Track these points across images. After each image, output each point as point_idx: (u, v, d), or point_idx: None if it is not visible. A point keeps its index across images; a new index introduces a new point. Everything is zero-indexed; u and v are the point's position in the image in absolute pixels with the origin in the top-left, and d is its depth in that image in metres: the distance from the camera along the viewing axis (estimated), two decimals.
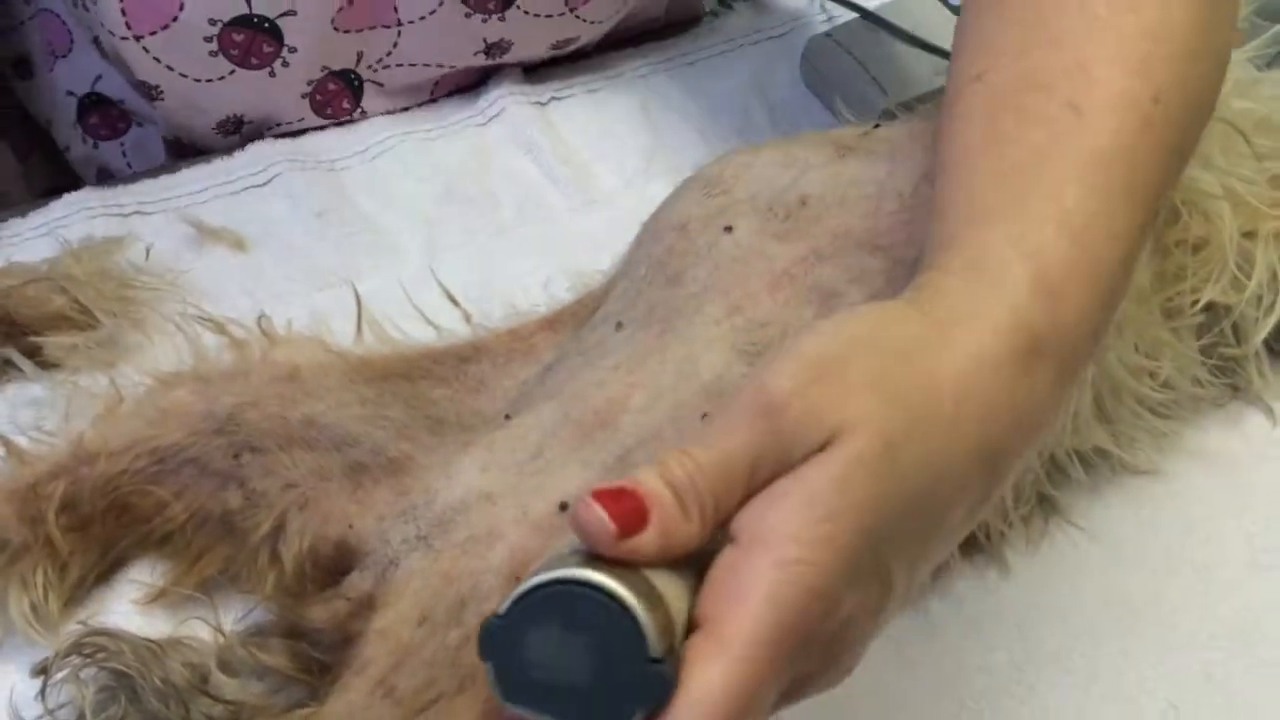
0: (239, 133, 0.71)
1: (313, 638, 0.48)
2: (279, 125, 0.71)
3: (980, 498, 0.37)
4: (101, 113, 0.74)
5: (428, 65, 0.72)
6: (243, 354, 0.54)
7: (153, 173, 0.68)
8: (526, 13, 0.71)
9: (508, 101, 0.74)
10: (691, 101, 0.76)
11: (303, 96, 0.70)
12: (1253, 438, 0.59)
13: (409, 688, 0.45)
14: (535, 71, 0.77)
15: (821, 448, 0.33)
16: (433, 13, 0.69)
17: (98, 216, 0.65)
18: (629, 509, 0.32)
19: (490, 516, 0.49)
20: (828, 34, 0.78)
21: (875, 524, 0.33)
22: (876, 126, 0.59)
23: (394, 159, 0.71)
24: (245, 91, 0.68)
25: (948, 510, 0.36)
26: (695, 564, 0.34)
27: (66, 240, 0.62)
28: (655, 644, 0.31)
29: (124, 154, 0.75)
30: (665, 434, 0.50)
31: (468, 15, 0.70)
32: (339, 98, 0.72)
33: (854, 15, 0.80)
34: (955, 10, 0.80)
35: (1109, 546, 0.55)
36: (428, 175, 0.71)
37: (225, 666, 0.48)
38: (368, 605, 0.47)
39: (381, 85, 0.73)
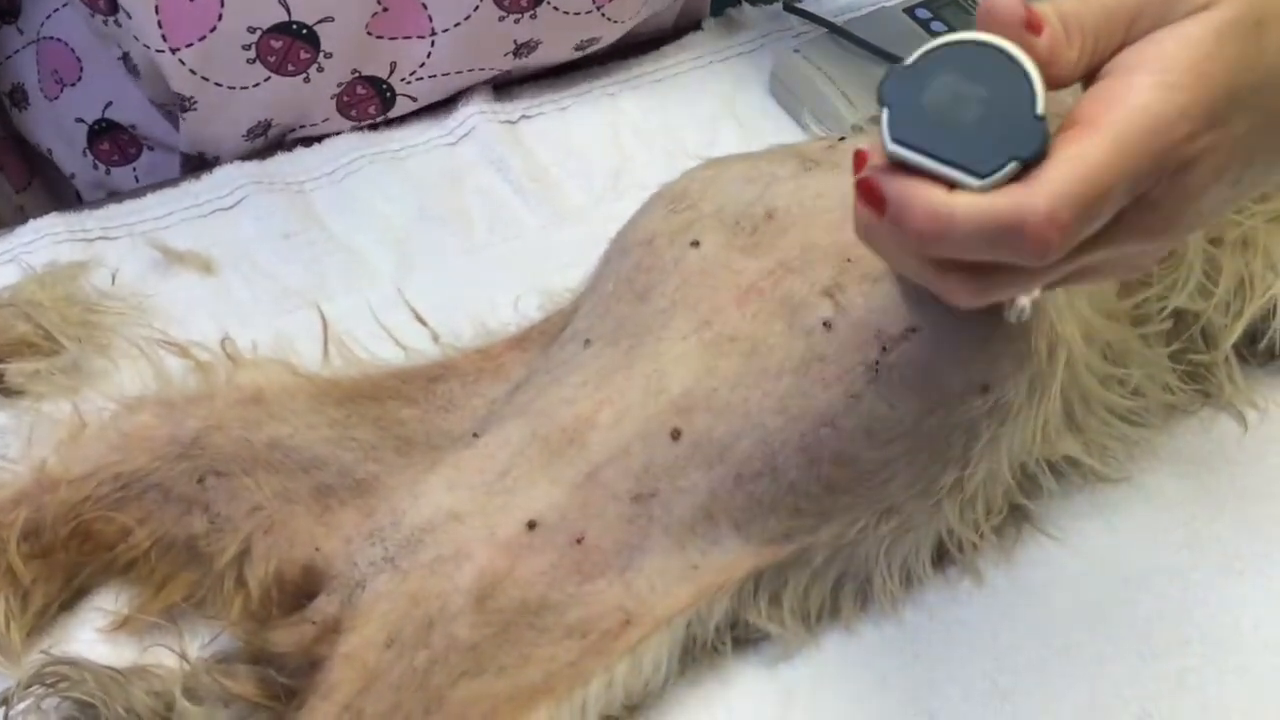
0: (265, 135, 0.71)
1: (279, 663, 0.47)
2: (303, 128, 0.72)
3: None
4: (113, 138, 0.74)
5: (459, 72, 0.73)
6: (207, 377, 0.53)
7: (118, 197, 0.68)
8: (557, 9, 0.72)
9: (477, 120, 0.74)
10: (661, 118, 0.76)
11: (331, 98, 0.71)
12: (1224, 443, 0.59)
13: (376, 712, 0.44)
14: (505, 89, 0.77)
15: (1202, 7, 0.37)
16: (467, 18, 0.70)
17: (63, 242, 0.64)
18: (1028, 16, 0.36)
19: (458, 536, 0.49)
20: (796, 50, 0.78)
21: (1240, 83, 0.37)
22: (842, 139, 0.59)
23: (363, 179, 0.71)
24: (278, 97, 0.69)
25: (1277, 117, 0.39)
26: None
27: (31, 266, 0.62)
28: (1041, 104, 0.35)
29: (136, 179, 0.75)
30: (634, 450, 0.50)
31: (501, 18, 0.70)
32: (366, 103, 0.72)
33: (823, 31, 0.80)
34: (923, 24, 0.80)
35: (1081, 555, 0.55)
36: (397, 195, 0.70)
37: (191, 694, 0.47)
38: (334, 629, 0.47)
39: (414, 99, 0.73)
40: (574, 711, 0.46)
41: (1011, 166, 0.35)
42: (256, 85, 0.67)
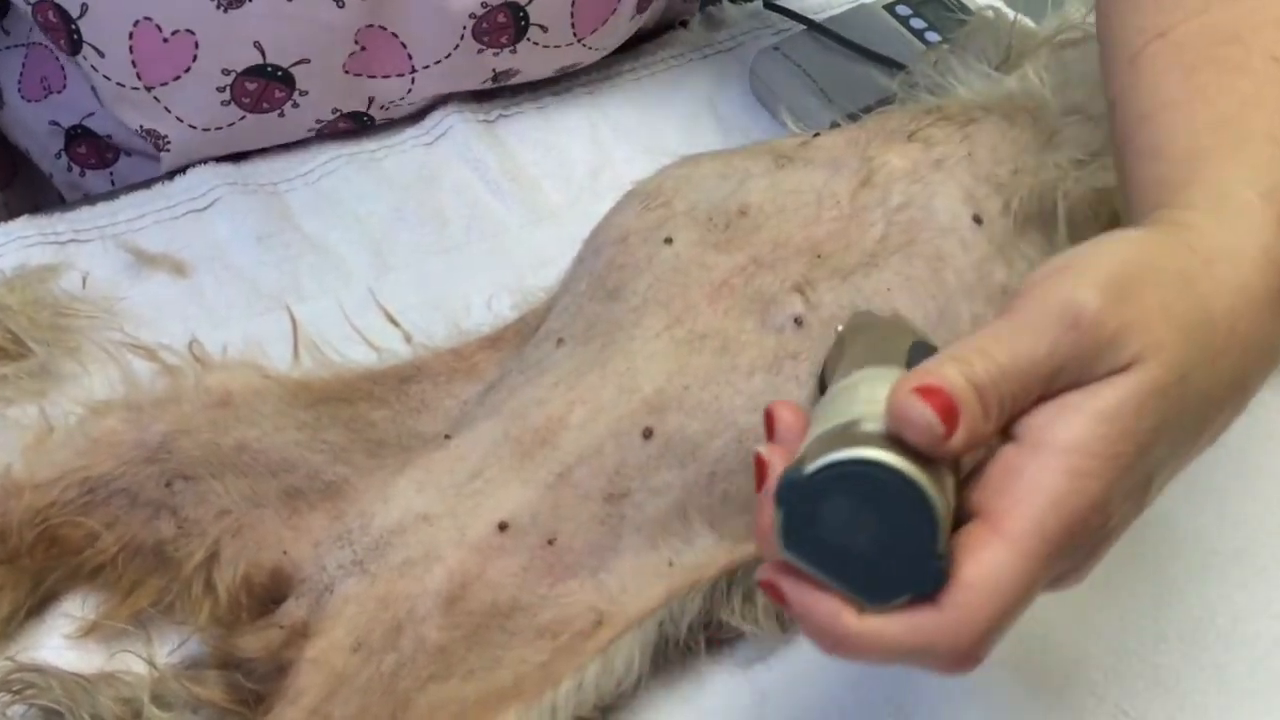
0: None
1: (247, 668, 0.47)
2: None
3: (1226, 423, 0.39)
4: (89, 143, 0.73)
5: (438, 94, 0.73)
6: (175, 381, 0.53)
7: (90, 200, 0.67)
8: (536, 44, 0.71)
9: (454, 120, 0.74)
10: (639, 117, 0.76)
11: (309, 130, 0.70)
12: None
13: (343, 716, 0.44)
14: (482, 89, 0.76)
15: (1123, 369, 0.35)
16: (448, 56, 0.69)
17: (34, 245, 0.64)
18: (943, 407, 0.33)
19: (428, 538, 0.48)
20: (776, 47, 0.78)
21: (1157, 449, 0.35)
22: (816, 135, 0.58)
23: (338, 180, 0.71)
24: (253, 133, 0.68)
25: (1205, 433, 0.38)
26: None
27: (0, 270, 0.61)
28: (943, 542, 0.33)
29: (113, 183, 0.74)
30: (606, 449, 0.50)
31: (480, 51, 0.70)
32: (347, 130, 0.72)
33: (801, 28, 0.80)
34: (902, 21, 0.80)
35: None
36: (373, 195, 0.70)
37: (159, 700, 0.47)
38: (302, 633, 0.47)
39: (393, 121, 0.73)
40: (543, 714, 0.45)
41: (906, 598, 0.34)
42: (231, 125, 0.67)
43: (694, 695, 0.50)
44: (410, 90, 0.71)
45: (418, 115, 0.74)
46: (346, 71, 0.68)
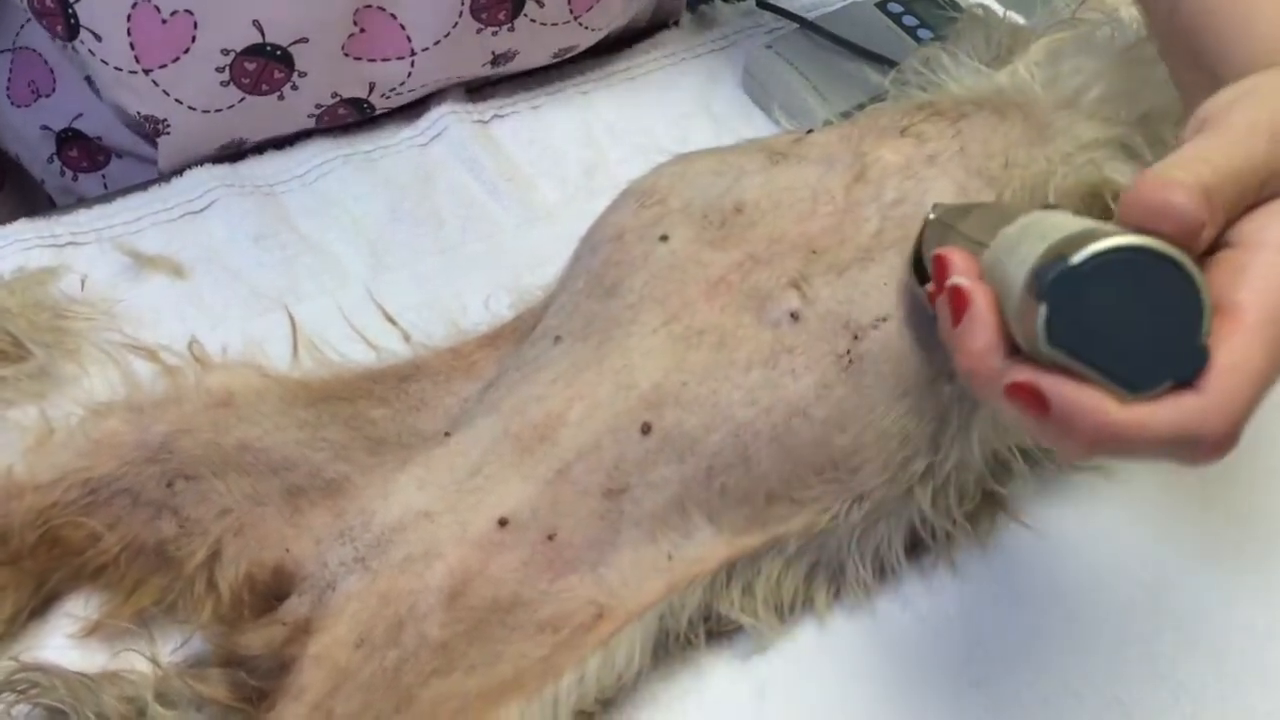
0: (239, 150, 0.71)
1: (250, 665, 0.47)
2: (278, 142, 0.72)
3: None
4: (80, 146, 0.73)
5: (438, 82, 0.73)
6: (175, 381, 0.53)
7: (87, 202, 0.67)
8: (534, 21, 0.72)
9: (450, 120, 0.74)
10: (634, 116, 0.76)
11: (309, 116, 0.71)
12: None
13: (346, 712, 0.44)
14: (477, 89, 0.77)
15: None
16: (446, 35, 0.69)
17: (32, 248, 0.64)
18: (1187, 208, 0.35)
19: (428, 535, 0.49)
20: (769, 45, 0.79)
21: None
22: (810, 132, 0.59)
23: (335, 181, 0.71)
24: (253, 117, 0.68)
25: None
26: None
27: None
28: (1207, 325, 0.35)
29: (105, 185, 0.74)
30: (604, 445, 0.50)
31: (479, 30, 0.70)
32: (346, 119, 0.72)
33: (794, 26, 0.80)
34: (894, 19, 0.80)
35: (1055, 543, 0.55)
36: (369, 196, 0.70)
37: (162, 699, 0.47)
38: (305, 630, 0.47)
39: (392, 108, 0.73)
40: (545, 707, 0.45)
41: (1168, 385, 0.35)
42: (231, 107, 0.67)
43: (694, 687, 0.50)
44: (410, 75, 0.71)
45: (413, 115, 0.75)
46: (346, 54, 0.68)
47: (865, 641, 0.51)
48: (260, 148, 0.72)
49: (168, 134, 0.68)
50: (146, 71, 0.64)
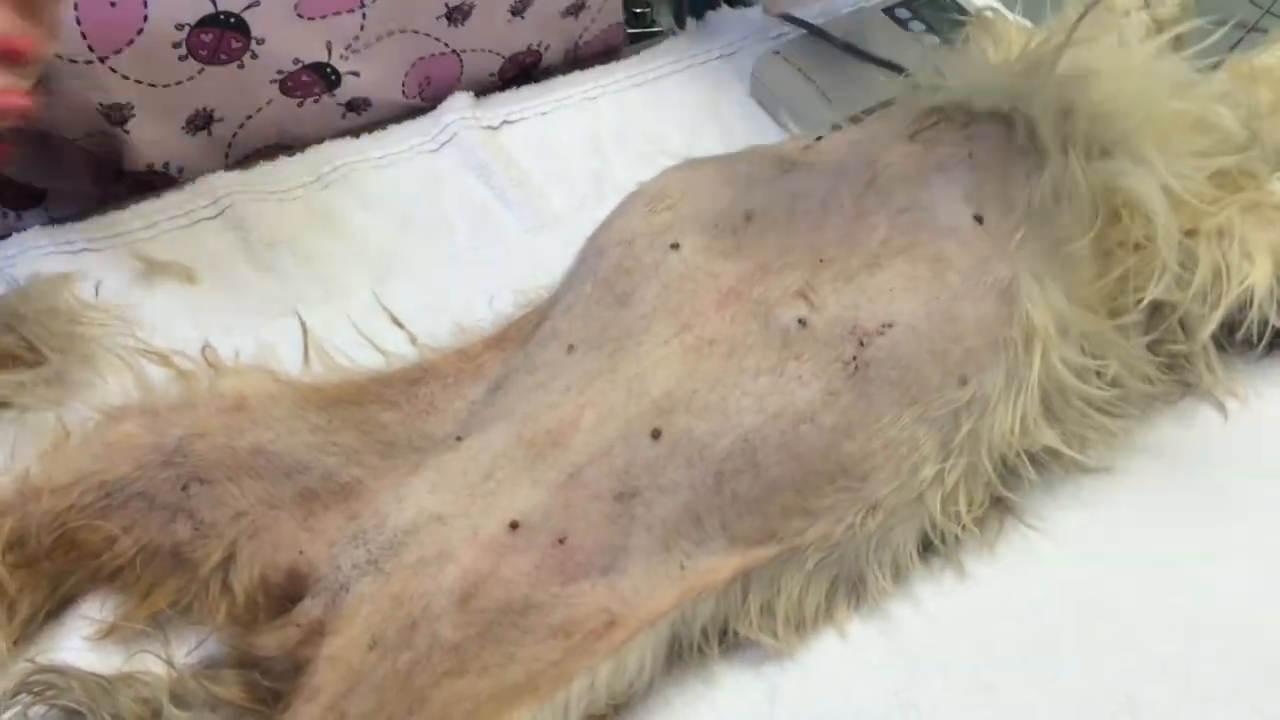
0: (208, 129, 0.71)
1: (265, 667, 0.48)
2: (249, 117, 0.71)
3: None
4: (15, 190, 0.72)
5: (393, 34, 0.72)
6: (190, 386, 0.54)
7: (102, 209, 0.68)
8: None
9: (459, 126, 0.75)
10: (641, 122, 0.77)
11: (272, 83, 0.70)
12: (1205, 432, 0.60)
13: (359, 713, 0.45)
14: (486, 96, 0.77)
15: None
16: None
17: (48, 254, 0.65)
18: None
19: (441, 538, 0.49)
20: (776, 51, 0.79)
21: None
22: (819, 139, 0.59)
23: (346, 187, 0.71)
24: (215, 86, 0.68)
25: None
26: None
27: (14, 279, 0.62)
28: None
29: (50, 220, 0.72)
30: (615, 449, 0.50)
31: None
32: (311, 85, 0.72)
33: (802, 32, 0.81)
34: (902, 24, 0.81)
35: (1064, 545, 0.55)
36: (379, 202, 0.71)
37: (178, 700, 0.47)
38: (319, 631, 0.47)
39: (358, 75, 0.73)
40: (556, 711, 0.46)
41: None
42: (191, 79, 0.67)
43: (706, 693, 0.50)
44: (363, 27, 0.70)
45: (422, 120, 0.75)
46: (299, 14, 0.68)
47: (876, 645, 0.52)
48: (270, 154, 0.72)
49: (133, 116, 0.67)
50: (103, 59, 0.64)
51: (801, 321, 0.51)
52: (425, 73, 0.76)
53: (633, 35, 0.87)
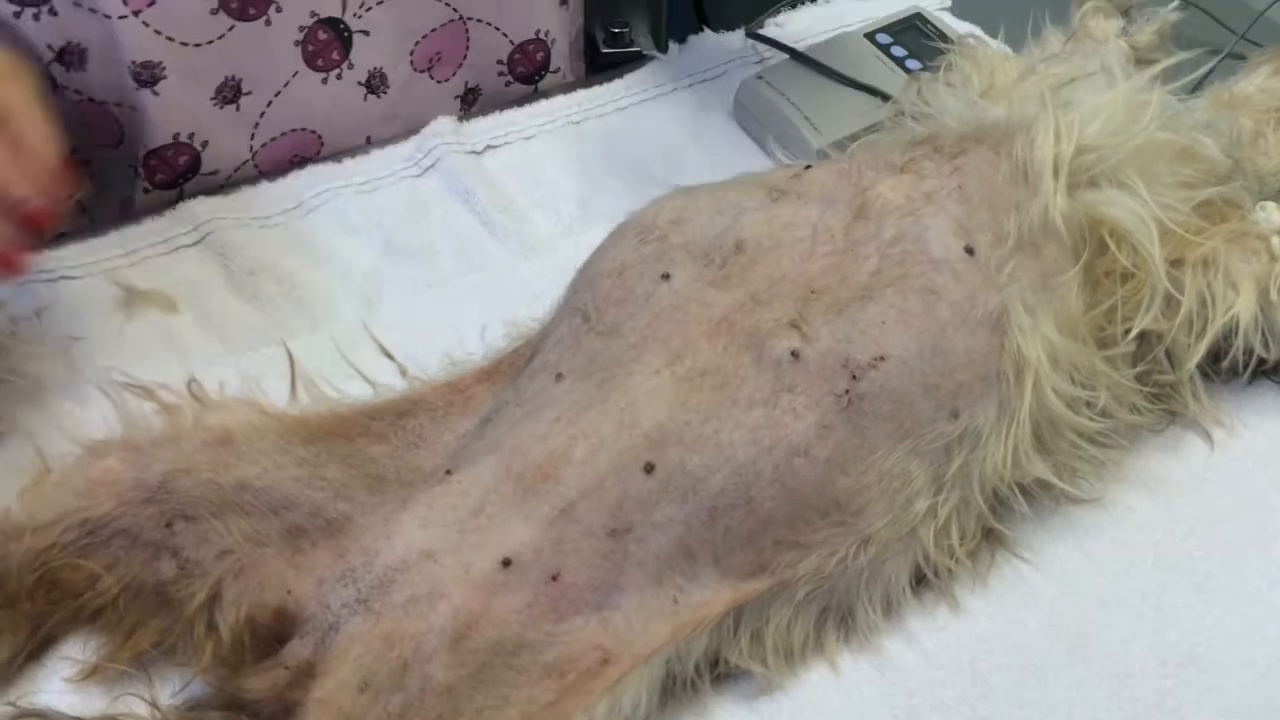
0: (236, 103, 0.71)
1: (252, 709, 0.47)
2: (276, 94, 0.72)
3: None
4: None
5: None
6: (173, 419, 0.53)
7: (80, 235, 0.67)
8: None
9: (442, 150, 0.74)
10: (625, 146, 0.77)
11: (295, 45, 0.71)
12: (1192, 462, 0.60)
13: None
14: (468, 119, 0.77)
15: None
16: None
17: (24, 282, 0.63)
18: None
19: (432, 575, 0.48)
20: (759, 75, 0.79)
21: None
22: (808, 168, 0.59)
23: (328, 213, 0.71)
24: (243, 48, 0.69)
25: None
26: None
27: None
28: None
29: None
30: (608, 484, 0.50)
31: None
32: (329, 48, 0.73)
33: (784, 56, 0.81)
34: (883, 49, 0.81)
35: (1056, 578, 0.55)
36: (363, 228, 0.70)
37: None
38: (308, 673, 0.46)
39: (368, 34, 0.74)
40: None
41: None
42: (222, 37, 0.68)
43: None
44: None
45: (404, 144, 0.75)
46: None
47: (870, 679, 0.51)
48: (253, 180, 0.71)
49: (165, 78, 0.68)
50: (136, 13, 0.65)
51: (794, 354, 0.51)
52: (435, 47, 0.77)
53: (610, 56, 0.86)
